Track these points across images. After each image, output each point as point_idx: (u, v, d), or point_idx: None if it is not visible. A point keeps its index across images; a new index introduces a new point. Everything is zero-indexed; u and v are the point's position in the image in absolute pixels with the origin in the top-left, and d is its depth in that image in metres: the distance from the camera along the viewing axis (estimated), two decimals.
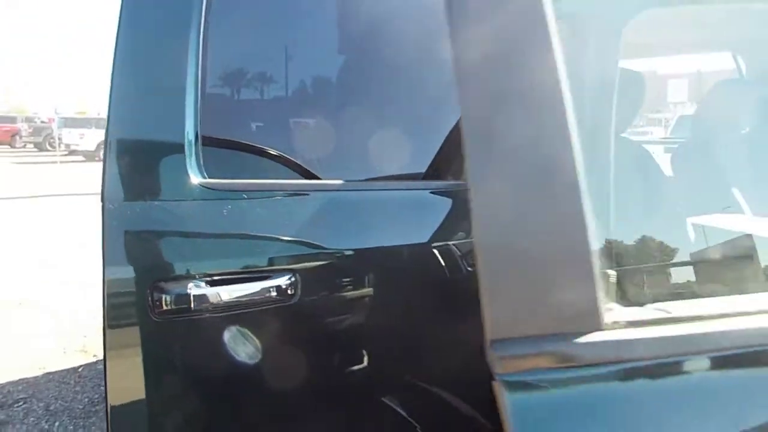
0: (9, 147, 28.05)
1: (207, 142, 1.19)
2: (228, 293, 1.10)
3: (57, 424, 2.80)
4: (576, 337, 0.67)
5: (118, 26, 1.18)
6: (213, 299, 1.09)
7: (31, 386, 3.20)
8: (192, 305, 1.08)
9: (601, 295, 0.69)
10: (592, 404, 0.70)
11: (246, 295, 1.11)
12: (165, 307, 1.08)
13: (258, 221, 1.15)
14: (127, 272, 1.09)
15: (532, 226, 0.70)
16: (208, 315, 1.10)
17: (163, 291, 1.08)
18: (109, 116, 1.15)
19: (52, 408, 2.94)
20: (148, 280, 1.09)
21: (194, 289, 1.08)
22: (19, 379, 3.28)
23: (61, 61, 73.23)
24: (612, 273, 0.91)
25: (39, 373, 3.35)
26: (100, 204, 1.10)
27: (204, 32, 1.19)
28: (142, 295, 1.08)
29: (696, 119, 2.09)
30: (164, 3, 1.20)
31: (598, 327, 0.69)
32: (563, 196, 0.69)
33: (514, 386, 0.67)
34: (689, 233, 1.43)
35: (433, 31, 1.21)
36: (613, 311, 0.73)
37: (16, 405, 3.00)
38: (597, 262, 0.69)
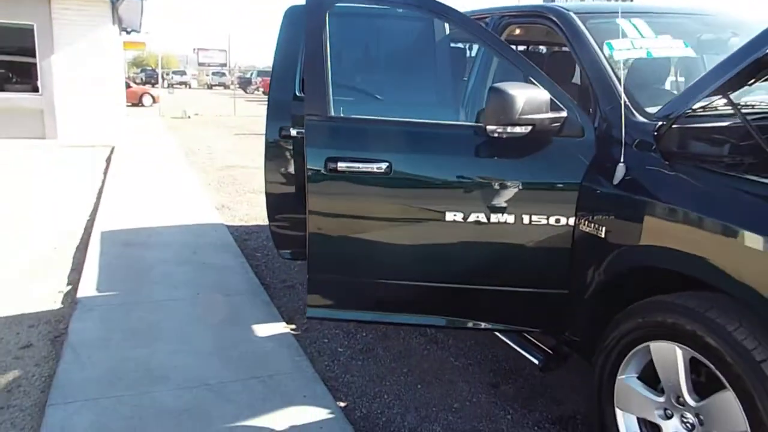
0: (264, 95, 34.15)
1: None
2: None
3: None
4: None
5: (277, 42, 3.30)
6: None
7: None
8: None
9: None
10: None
11: None
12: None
13: None
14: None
15: None
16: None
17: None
18: (272, 79, 3.31)
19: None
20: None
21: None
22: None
23: None
24: None
25: None
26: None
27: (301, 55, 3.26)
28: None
29: None
30: (290, 42, 3.29)
31: None
32: None
33: None
34: None
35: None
36: None
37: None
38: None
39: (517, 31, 3.33)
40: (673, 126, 2.06)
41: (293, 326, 3.52)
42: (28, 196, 7.00)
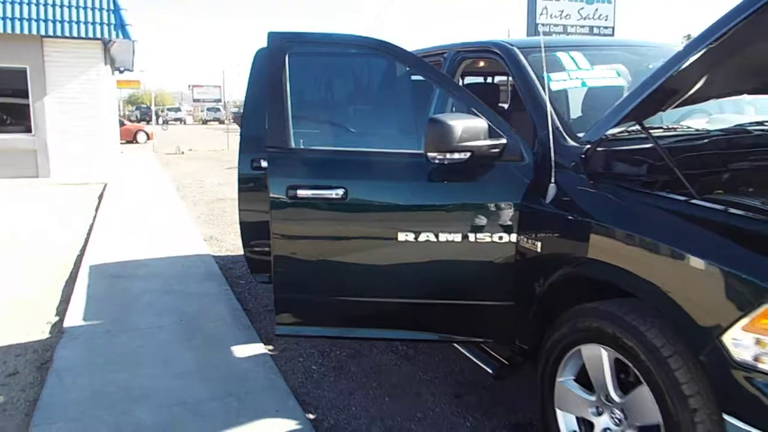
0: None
1: None
2: None
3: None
4: None
5: (248, 82, 3.53)
6: None
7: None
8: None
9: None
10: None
11: None
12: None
13: None
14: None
15: None
16: None
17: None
18: (244, 115, 3.53)
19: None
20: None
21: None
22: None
23: None
24: None
25: None
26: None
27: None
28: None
29: None
30: (263, 78, 3.51)
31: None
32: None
33: None
34: None
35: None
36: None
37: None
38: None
39: (473, 64, 3.59)
40: (598, 149, 2.28)
41: (271, 347, 3.68)
42: (19, 233, 7.18)
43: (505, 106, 4.20)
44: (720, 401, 1.69)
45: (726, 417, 1.67)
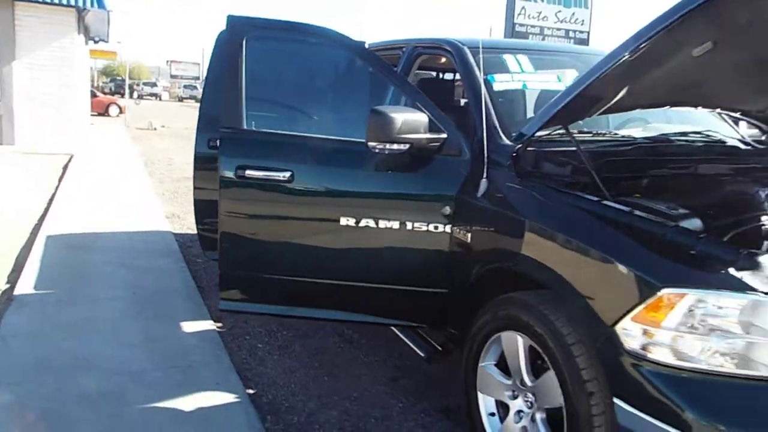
0: None
1: None
2: None
3: None
4: None
5: (210, 62, 3.58)
6: None
7: None
8: None
9: None
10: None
11: None
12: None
13: None
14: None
15: None
16: None
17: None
18: (203, 95, 3.58)
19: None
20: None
21: None
22: None
23: None
24: None
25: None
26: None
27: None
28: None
29: None
30: (222, 61, 3.55)
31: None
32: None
33: None
34: None
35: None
36: None
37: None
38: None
39: (430, 60, 3.70)
40: (528, 149, 2.42)
41: (220, 324, 3.77)
42: None
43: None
44: (611, 386, 1.84)
45: (615, 400, 1.82)
